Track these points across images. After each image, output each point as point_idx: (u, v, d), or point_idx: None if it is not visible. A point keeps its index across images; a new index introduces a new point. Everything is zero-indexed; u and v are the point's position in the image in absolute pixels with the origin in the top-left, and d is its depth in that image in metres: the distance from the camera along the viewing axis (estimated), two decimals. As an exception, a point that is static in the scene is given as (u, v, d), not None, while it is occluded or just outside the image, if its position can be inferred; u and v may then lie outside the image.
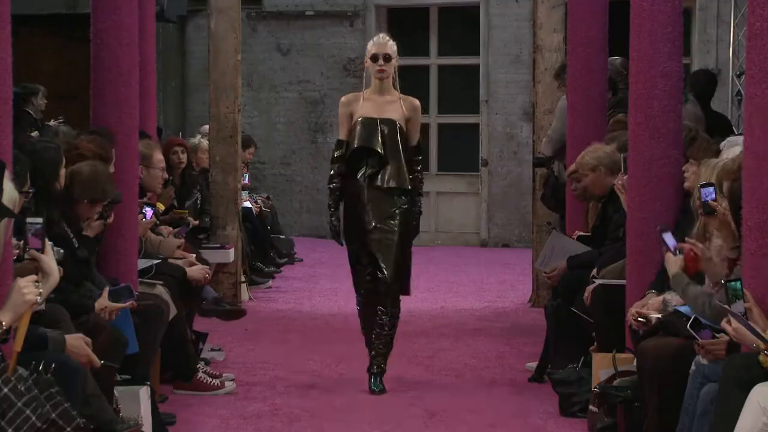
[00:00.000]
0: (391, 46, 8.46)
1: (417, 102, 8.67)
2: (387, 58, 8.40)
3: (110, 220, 7.43)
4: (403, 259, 8.48)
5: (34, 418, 4.62)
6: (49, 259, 5.42)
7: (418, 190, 8.66)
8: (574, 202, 9.94)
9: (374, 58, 8.43)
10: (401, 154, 8.41)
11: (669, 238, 6.49)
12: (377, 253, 8.30)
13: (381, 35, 8.70)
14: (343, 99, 8.72)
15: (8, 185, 5.04)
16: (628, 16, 7.37)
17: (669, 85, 7.26)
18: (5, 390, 4.63)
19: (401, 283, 8.56)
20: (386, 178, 8.38)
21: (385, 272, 8.26)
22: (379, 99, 8.50)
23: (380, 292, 8.36)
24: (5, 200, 4.94)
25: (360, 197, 8.41)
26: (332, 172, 8.57)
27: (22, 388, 4.66)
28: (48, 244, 5.51)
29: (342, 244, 8.63)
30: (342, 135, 8.57)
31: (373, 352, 8.42)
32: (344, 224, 8.58)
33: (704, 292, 6.04)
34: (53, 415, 4.66)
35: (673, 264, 6.36)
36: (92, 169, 7.23)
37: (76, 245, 6.86)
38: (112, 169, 7.73)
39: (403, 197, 8.45)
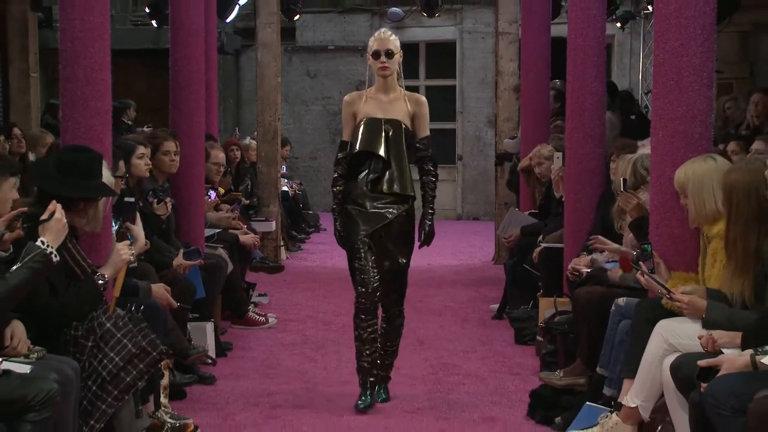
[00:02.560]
0: (393, 41, 6.06)
1: (422, 98, 6.23)
2: (389, 54, 6.03)
3: (168, 200, 7.13)
4: (404, 266, 6.21)
5: (129, 346, 4.63)
6: (138, 228, 5.43)
7: (432, 187, 6.18)
8: (525, 188, 9.98)
9: (376, 55, 6.04)
10: (405, 157, 6.08)
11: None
12: (378, 258, 6.07)
13: (382, 30, 6.17)
14: (346, 98, 6.23)
15: (105, 172, 5.06)
16: (565, 49, 7.36)
17: (595, 99, 7.24)
18: (108, 325, 4.64)
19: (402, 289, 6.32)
20: (389, 183, 6.05)
21: (385, 277, 6.08)
22: (383, 98, 6.11)
23: (383, 301, 6.18)
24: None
25: (361, 201, 6.07)
26: (335, 175, 6.17)
27: (120, 324, 4.67)
28: (138, 217, 5.51)
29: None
30: (346, 136, 6.18)
31: (379, 361, 6.25)
32: (345, 223, 6.16)
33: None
34: (143, 343, 4.68)
35: (616, 273, 6.00)
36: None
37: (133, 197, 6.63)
38: (170, 155, 7.35)
39: (405, 203, 6.09)
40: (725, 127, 9.53)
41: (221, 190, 9.63)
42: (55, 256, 4.24)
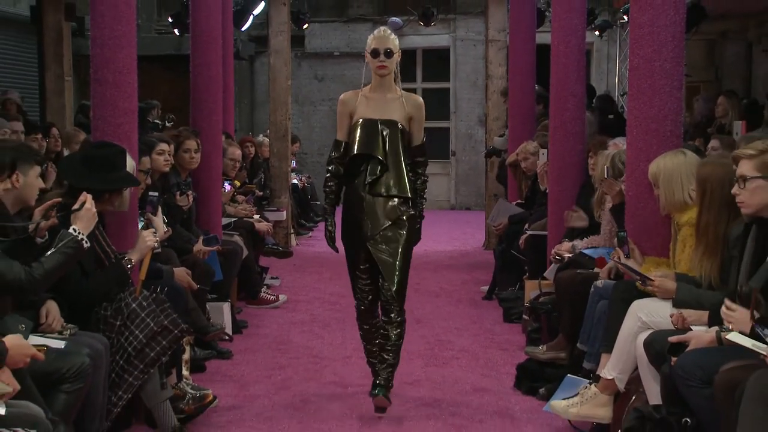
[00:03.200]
0: (393, 41, 5.33)
1: (420, 99, 5.46)
2: (388, 53, 5.30)
3: (190, 194, 7.10)
4: (404, 267, 5.38)
5: (152, 324, 4.62)
6: (158, 219, 5.44)
7: (422, 193, 5.52)
8: (513, 180, 9.97)
9: (375, 54, 5.29)
10: (403, 158, 5.39)
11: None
12: (379, 263, 5.33)
13: (382, 29, 5.41)
14: (342, 97, 5.49)
15: (131, 162, 5.05)
16: (549, 55, 7.34)
17: (576, 101, 7.23)
18: (133, 305, 4.63)
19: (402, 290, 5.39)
20: (387, 185, 5.36)
21: (386, 282, 5.31)
22: (380, 97, 5.38)
23: (382, 301, 5.42)
24: (127, 175, 4.98)
25: (360, 205, 5.38)
26: (328, 174, 5.48)
27: (145, 304, 4.66)
28: (159, 209, 5.51)
29: (337, 251, 5.54)
30: (340, 135, 5.43)
31: (384, 364, 5.39)
32: (343, 230, 5.48)
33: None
34: (165, 322, 4.67)
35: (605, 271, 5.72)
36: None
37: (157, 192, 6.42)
38: (190, 152, 7.25)
39: (404, 205, 5.40)
40: (689, 126, 9.53)
41: (237, 183, 9.63)
42: (86, 242, 4.24)
